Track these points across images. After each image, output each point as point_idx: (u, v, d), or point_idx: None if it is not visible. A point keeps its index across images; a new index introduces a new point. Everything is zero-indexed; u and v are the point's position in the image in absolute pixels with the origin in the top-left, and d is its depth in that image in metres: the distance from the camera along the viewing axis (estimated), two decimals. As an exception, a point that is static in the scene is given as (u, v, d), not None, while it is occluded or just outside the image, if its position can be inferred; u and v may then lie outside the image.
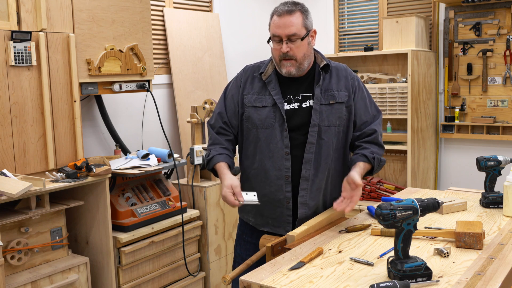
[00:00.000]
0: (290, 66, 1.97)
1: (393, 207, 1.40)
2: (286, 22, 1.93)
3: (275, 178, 2.01)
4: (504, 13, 4.05)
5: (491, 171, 2.12)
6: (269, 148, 2.01)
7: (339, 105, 2.03)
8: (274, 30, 1.96)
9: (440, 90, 4.41)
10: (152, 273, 3.05)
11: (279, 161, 2.00)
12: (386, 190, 4.26)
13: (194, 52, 4.01)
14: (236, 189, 1.91)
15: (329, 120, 2.01)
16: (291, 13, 1.94)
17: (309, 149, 1.99)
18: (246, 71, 2.13)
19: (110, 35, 2.90)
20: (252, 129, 2.05)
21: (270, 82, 2.03)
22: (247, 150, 2.09)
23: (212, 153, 2.08)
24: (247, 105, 2.05)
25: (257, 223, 2.11)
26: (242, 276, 1.49)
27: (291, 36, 1.93)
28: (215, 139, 2.12)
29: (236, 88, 2.11)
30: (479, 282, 1.39)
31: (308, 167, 2.00)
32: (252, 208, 2.09)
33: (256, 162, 2.05)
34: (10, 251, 2.44)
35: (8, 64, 2.45)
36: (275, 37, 1.96)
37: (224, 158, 2.05)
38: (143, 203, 3.06)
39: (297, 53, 1.96)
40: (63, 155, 2.70)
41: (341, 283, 1.42)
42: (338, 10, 4.90)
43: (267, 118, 2.01)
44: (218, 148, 2.09)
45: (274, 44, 1.98)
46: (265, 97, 2.03)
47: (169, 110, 3.91)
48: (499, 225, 1.88)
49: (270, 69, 2.06)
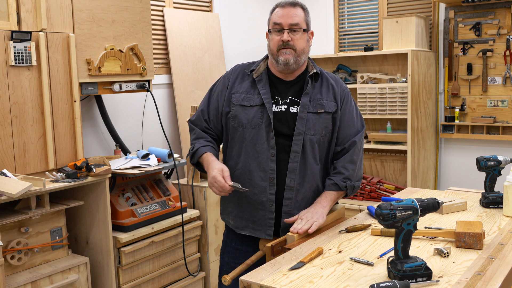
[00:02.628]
0: (288, 54, 1.93)
1: (393, 207, 1.40)
2: (290, 13, 1.93)
3: (259, 179, 1.97)
4: (504, 13, 4.05)
5: (491, 171, 2.12)
6: (255, 148, 1.97)
7: (327, 115, 2.00)
8: (276, 19, 1.94)
9: (440, 90, 4.41)
10: (152, 273, 3.05)
11: (264, 162, 1.96)
12: (386, 190, 4.26)
13: (194, 52, 4.01)
14: (226, 173, 1.88)
15: (315, 129, 1.98)
16: (294, 6, 1.95)
17: (293, 158, 1.96)
18: (235, 70, 2.10)
19: (110, 35, 2.90)
20: (238, 128, 2.00)
21: (260, 81, 2.01)
22: (232, 150, 2.05)
23: (196, 146, 2.04)
24: (235, 103, 2.01)
25: (236, 226, 2.05)
26: (242, 276, 1.48)
27: (294, 25, 1.92)
28: (199, 134, 2.10)
29: (223, 86, 2.08)
30: (479, 282, 1.39)
31: (293, 177, 1.96)
32: (233, 210, 2.05)
33: (240, 162, 2.00)
34: (10, 251, 2.44)
35: (8, 64, 2.45)
36: (276, 25, 1.94)
37: (210, 149, 2.03)
38: (143, 203, 3.06)
39: (297, 44, 1.94)
40: (63, 155, 2.70)
41: (341, 283, 1.42)
42: (338, 10, 4.90)
43: (254, 118, 1.97)
44: (203, 141, 2.06)
45: (273, 34, 1.96)
46: (253, 97, 2.00)
47: (169, 110, 3.91)
48: (499, 225, 1.88)
49: (262, 67, 2.04)
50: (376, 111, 4.23)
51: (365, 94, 4.25)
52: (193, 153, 2.05)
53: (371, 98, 4.23)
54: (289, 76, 2.02)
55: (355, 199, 4.33)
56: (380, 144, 4.26)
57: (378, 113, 4.22)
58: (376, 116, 4.25)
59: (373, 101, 4.23)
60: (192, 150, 2.06)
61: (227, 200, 2.09)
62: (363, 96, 4.25)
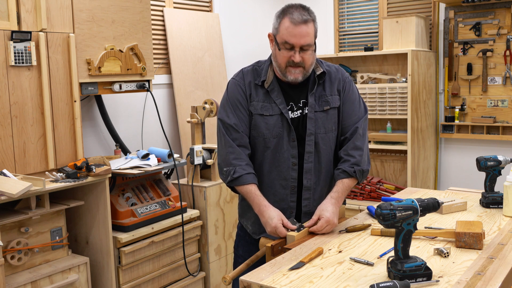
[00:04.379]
0: (298, 74, 1.91)
1: (393, 207, 1.40)
2: (302, 32, 1.85)
3: (279, 187, 1.97)
4: (504, 13, 4.05)
5: (491, 171, 2.12)
6: (275, 157, 1.96)
7: (334, 110, 2.00)
8: (288, 38, 1.86)
9: (440, 90, 4.41)
10: (152, 273, 3.05)
11: (286, 171, 1.96)
12: (386, 190, 4.26)
13: (194, 52, 4.01)
14: (285, 220, 1.86)
15: (325, 127, 1.98)
16: (307, 23, 1.86)
17: (308, 159, 1.96)
18: (246, 76, 2.02)
19: (110, 35, 2.90)
20: (258, 138, 1.97)
21: (273, 90, 1.97)
22: (253, 157, 2.02)
23: (239, 171, 1.92)
24: (254, 113, 1.97)
25: (254, 232, 2.05)
26: (242, 276, 1.48)
27: (306, 46, 1.87)
28: (238, 154, 1.95)
29: (242, 95, 1.99)
30: (479, 282, 1.39)
31: (309, 177, 1.97)
32: (252, 215, 2.03)
33: (261, 170, 2.00)
34: (10, 251, 2.44)
35: (8, 64, 2.45)
36: (287, 44, 1.87)
37: (253, 179, 1.94)
38: (143, 203, 3.06)
39: (307, 62, 1.90)
40: (63, 155, 2.70)
41: (341, 283, 1.42)
42: (338, 10, 4.90)
43: (275, 127, 1.95)
44: (245, 166, 1.94)
45: (283, 51, 1.89)
46: (270, 105, 1.96)
47: (169, 110, 3.91)
48: (499, 225, 1.88)
49: (271, 75, 1.98)
50: (376, 111, 4.23)
51: (365, 94, 4.25)
52: (234, 178, 1.93)
53: (371, 98, 4.23)
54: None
55: (355, 199, 4.33)
56: (380, 144, 4.26)
57: (378, 113, 4.22)
58: (376, 116, 4.25)
59: (373, 101, 4.23)
60: (233, 175, 1.93)
61: (247, 206, 2.03)
62: (363, 96, 4.24)
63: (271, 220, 1.84)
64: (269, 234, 1.90)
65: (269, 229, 1.85)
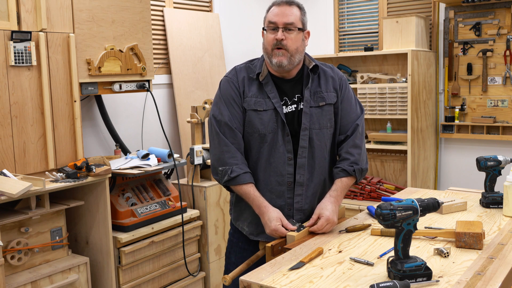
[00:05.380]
0: (281, 56, 1.90)
1: (393, 207, 1.40)
2: (285, 11, 1.90)
3: (276, 184, 1.96)
4: (504, 13, 4.05)
5: (491, 171, 2.12)
6: (271, 153, 1.95)
7: (329, 107, 2.00)
8: (271, 17, 1.92)
9: (440, 90, 4.41)
10: (152, 273, 3.05)
11: (282, 167, 1.95)
12: (386, 190, 4.26)
13: (194, 52, 4.01)
14: (284, 220, 1.86)
15: (320, 123, 1.98)
16: (290, 5, 1.93)
17: (301, 154, 1.95)
18: (239, 72, 2.02)
19: (110, 35, 2.90)
20: (253, 134, 1.96)
21: (267, 84, 1.97)
22: (247, 155, 2.01)
23: (236, 171, 1.92)
24: (247, 108, 1.96)
25: (251, 232, 2.03)
26: (242, 276, 1.48)
27: (289, 24, 1.90)
28: (233, 152, 1.95)
29: (235, 92, 1.98)
30: (479, 282, 1.39)
31: (302, 172, 1.96)
32: (248, 216, 2.02)
33: (256, 167, 1.99)
34: (10, 251, 2.44)
35: (8, 64, 2.45)
36: (270, 24, 1.91)
37: (250, 178, 1.93)
38: (143, 203, 3.06)
39: (291, 44, 1.90)
40: (63, 155, 2.70)
41: (341, 283, 1.42)
42: (338, 10, 4.90)
43: (270, 122, 1.94)
44: (241, 166, 1.94)
45: (268, 32, 1.93)
46: (263, 100, 1.96)
47: (169, 110, 3.91)
48: (499, 225, 1.88)
49: (265, 69, 1.99)
50: (376, 111, 4.23)
51: (365, 94, 4.24)
52: (232, 178, 1.92)
53: (371, 98, 4.23)
54: (289, 74, 2.00)
55: (355, 199, 4.33)
56: (380, 144, 4.26)
57: (378, 113, 4.22)
58: (376, 116, 4.24)
59: (373, 101, 4.23)
60: (230, 174, 1.92)
61: (243, 207, 2.04)
62: (363, 96, 4.25)
63: (270, 222, 1.85)
64: (268, 235, 1.90)
65: (268, 231, 1.86)
